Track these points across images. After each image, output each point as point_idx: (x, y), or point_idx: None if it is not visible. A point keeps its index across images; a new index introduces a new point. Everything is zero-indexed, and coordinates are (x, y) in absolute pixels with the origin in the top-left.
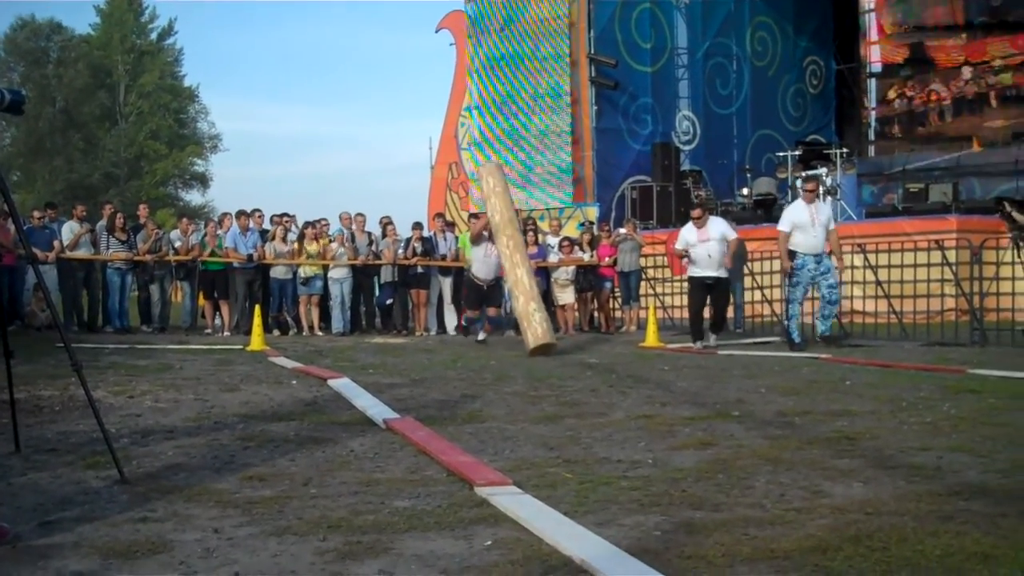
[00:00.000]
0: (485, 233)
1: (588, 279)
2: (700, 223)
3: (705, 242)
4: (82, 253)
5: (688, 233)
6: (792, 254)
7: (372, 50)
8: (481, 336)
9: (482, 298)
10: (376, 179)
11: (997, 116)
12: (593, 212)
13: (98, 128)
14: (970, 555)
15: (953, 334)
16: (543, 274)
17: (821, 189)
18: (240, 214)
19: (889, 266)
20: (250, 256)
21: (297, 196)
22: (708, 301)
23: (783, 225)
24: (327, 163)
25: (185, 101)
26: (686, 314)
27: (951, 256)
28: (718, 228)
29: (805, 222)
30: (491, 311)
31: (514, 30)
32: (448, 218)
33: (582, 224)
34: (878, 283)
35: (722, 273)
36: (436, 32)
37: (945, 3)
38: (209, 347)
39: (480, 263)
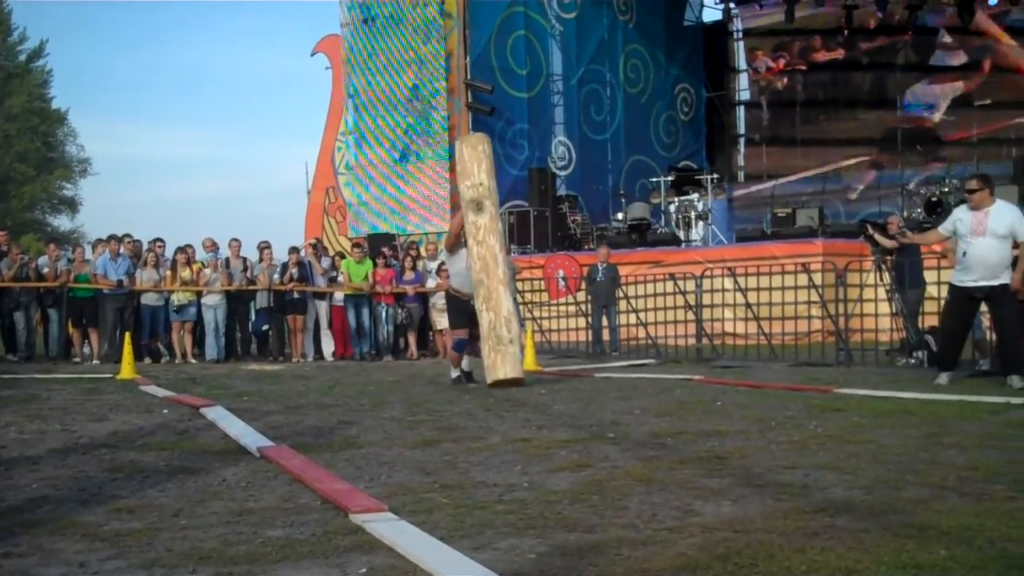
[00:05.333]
0: (464, 238)
1: None
2: (980, 202)
3: (981, 236)
4: None
5: (963, 220)
6: None
7: (247, 73)
8: (455, 374)
9: (469, 315)
10: (252, 204)
11: None
12: None
13: None
14: (834, 570)
15: (820, 355)
16: (420, 299)
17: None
18: (110, 239)
19: (758, 289)
20: (120, 282)
21: (170, 221)
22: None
23: None
24: (201, 187)
25: (54, 124)
26: (563, 338)
27: (817, 279)
28: (1005, 220)
29: None
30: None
31: (390, 56)
32: (325, 244)
33: None
34: (748, 305)
35: (1003, 279)
36: (312, 56)
37: None
38: (77, 376)
39: (461, 276)
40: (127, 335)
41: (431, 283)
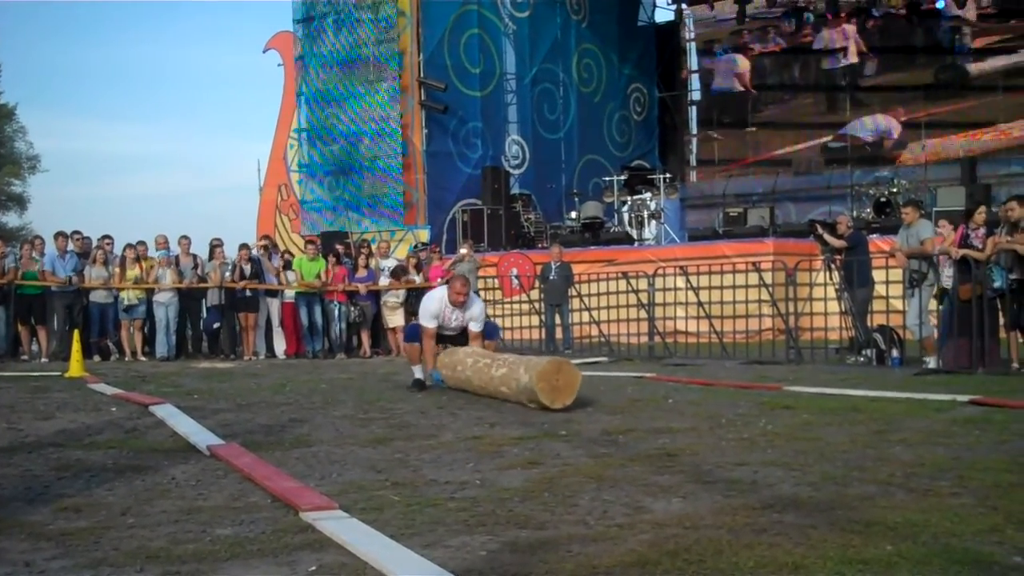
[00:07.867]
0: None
1: (419, 301)
2: None
3: None
4: None
5: None
6: None
7: (199, 69)
8: (417, 375)
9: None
10: (203, 200)
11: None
12: (425, 235)
13: None
14: (782, 565)
15: (770, 353)
16: (373, 297)
17: None
18: (58, 235)
19: (710, 287)
20: (69, 279)
21: (120, 218)
22: None
23: None
24: (152, 184)
25: (2, 120)
26: (517, 336)
27: (768, 278)
28: None
29: None
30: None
31: (344, 53)
32: (276, 241)
33: (415, 247)
34: (700, 304)
35: None
36: (264, 52)
37: None
38: (25, 374)
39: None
40: (76, 333)
41: (383, 281)
